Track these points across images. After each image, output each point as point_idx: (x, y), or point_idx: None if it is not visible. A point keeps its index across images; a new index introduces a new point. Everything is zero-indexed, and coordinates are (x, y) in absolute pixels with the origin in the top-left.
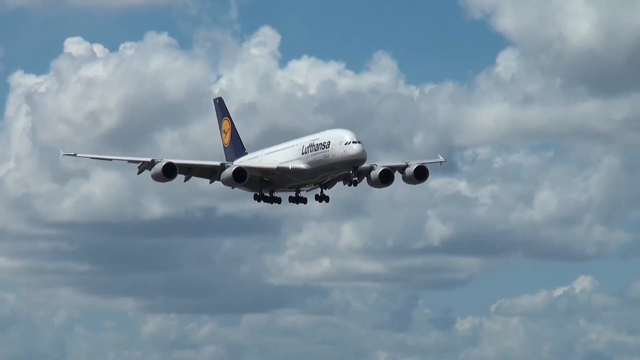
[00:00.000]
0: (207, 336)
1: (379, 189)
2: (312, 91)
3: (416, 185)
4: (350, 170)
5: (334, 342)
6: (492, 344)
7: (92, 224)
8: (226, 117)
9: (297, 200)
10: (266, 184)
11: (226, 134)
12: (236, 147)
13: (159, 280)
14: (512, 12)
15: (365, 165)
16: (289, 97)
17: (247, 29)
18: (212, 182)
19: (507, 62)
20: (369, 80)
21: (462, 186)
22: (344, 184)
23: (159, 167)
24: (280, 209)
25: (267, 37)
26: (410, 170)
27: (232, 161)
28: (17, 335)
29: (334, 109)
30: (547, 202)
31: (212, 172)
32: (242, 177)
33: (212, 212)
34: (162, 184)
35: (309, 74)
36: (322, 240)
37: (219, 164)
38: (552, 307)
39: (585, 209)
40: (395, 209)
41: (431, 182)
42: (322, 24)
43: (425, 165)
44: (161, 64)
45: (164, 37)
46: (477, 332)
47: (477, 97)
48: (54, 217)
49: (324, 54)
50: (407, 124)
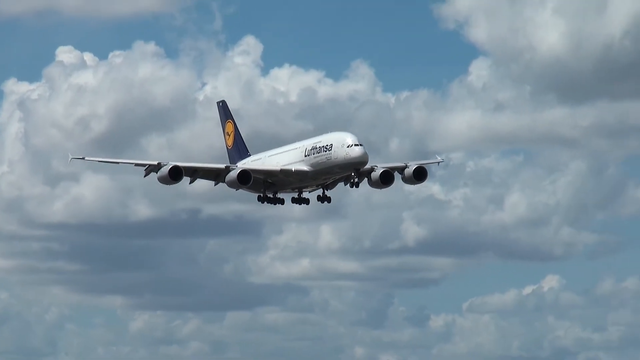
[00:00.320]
0: (192, 333)
1: (379, 190)
2: (293, 98)
3: (415, 185)
4: (352, 172)
5: (314, 339)
6: (464, 341)
7: (82, 225)
8: (229, 120)
9: (300, 201)
10: (270, 185)
11: (229, 136)
12: (239, 149)
13: (146, 279)
14: (484, 23)
15: (365, 166)
16: (271, 104)
17: (231, 38)
18: (217, 184)
19: (479, 70)
20: (347, 87)
21: (435, 189)
22: (345, 185)
23: (165, 170)
24: (261, 210)
25: (250, 46)
26: (409, 171)
27: (236, 163)
28: (11, 331)
29: (314, 116)
30: (516, 204)
31: (216, 175)
32: (246, 180)
33: (196, 214)
34: (168, 186)
35: (290, 82)
36: (302, 241)
37: (223, 166)
38: (522, 305)
39: (553, 211)
40: (371, 211)
41: (406, 186)
42: (303, 34)
43: (423, 165)
44: (148, 72)
45: (151, 46)
46: (449, 329)
47: (451, 104)
48: (46, 218)
49: (304, 62)
50: (383, 130)
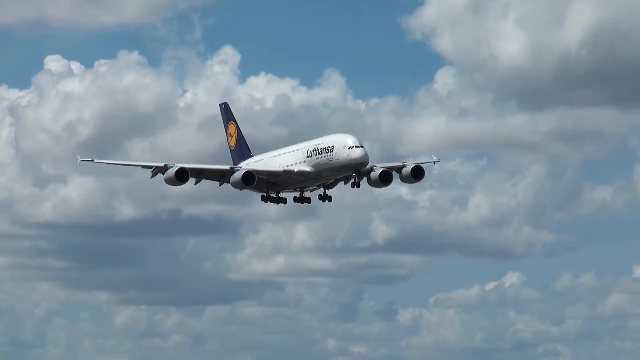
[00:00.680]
0: (173, 326)
1: (379, 189)
2: (268, 105)
3: (412, 184)
4: (353, 172)
5: (289, 332)
6: (430, 334)
7: (70, 225)
8: (232, 121)
9: (302, 200)
10: (272, 185)
11: (232, 137)
12: (242, 150)
13: (130, 275)
14: (449, 34)
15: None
16: (248, 111)
17: (210, 48)
18: (222, 184)
19: (444, 79)
20: (320, 95)
21: (403, 191)
22: (345, 184)
23: (171, 172)
24: (238, 211)
25: (228, 55)
26: (407, 170)
27: (238, 163)
28: (2, 324)
29: (288, 121)
30: (479, 205)
31: (221, 175)
32: (251, 180)
33: (177, 214)
34: (175, 187)
35: (266, 89)
36: (277, 239)
37: (228, 167)
38: (484, 300)
39: (514, 212)
40: (343, 212)
41: (375, 188)
42: (278, 44)
43: (421, 165)
44: (132, 80)
45: (135, 56)
46: (417, 323)
47: (417, 111)
48: (35, 218)
49: (279, 71)
50: (354, 135)
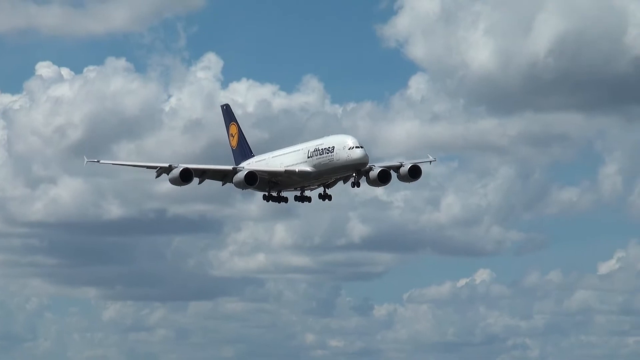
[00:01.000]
0: (158, 320)
1: (377, 187)
2: (250, 109)
3: (410, 183)
4: (353, 172)
5: (269, 326)
6: (404, 328)
7: (60, 224)
8: (233, 122)
9: (302, 199)
10: (274, 185)
11: (234, 137)
12: (243, 150)
13: (117, 272)
14: (422, 42)
15: None
16: None
17: (194, 55)
18: (224, 184)
19: (417, 85)
20: (299, 100)
21: (379, 191)
22: (344, 184)
23: (176, 172)
24: (221, 210)
25: (212, 62)
26: (404, 169)
27: (240, 163)
28: None
29: (269, 125)
30: (451, 205)
31: (224, 175)
32: (253, 180)
33: (163, 213)
34: (180, 187)
35: (247, 94)
36: (258, 238)
37: (231, 168)
38: (456, 296)
39: (484, 212)
40: (321, 211)
41: (352, 189)
42: (259, 51)
43: (418, 164)
44: (120, 85)
45: (122, 62)
46: (391, 318)
47: (392, 115)
48: (27, 217)
49: (260, 77)
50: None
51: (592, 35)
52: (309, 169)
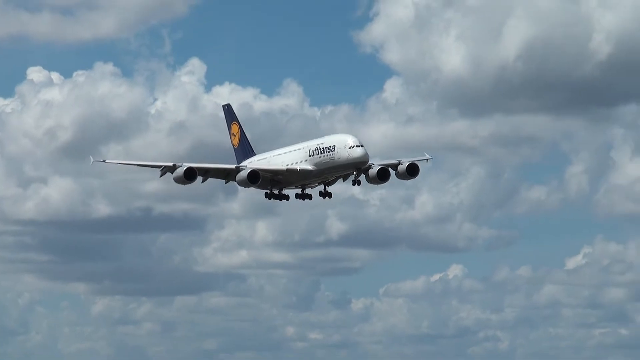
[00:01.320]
0: (145, 314)
1: (376, 185)
2: None
3: (408, 180)
4: (353, 170)
5: (251, 320)
6: (381, 321)
7: (50, 222)
8: (234, 122)
9: (303, 196)
10: (275, 183)
11: (235, 136)
12: (245, 149)
13: (105, 268)
14: (396, 47)
15: None
16: (213, 117)
17: (178, 60)
18: (227, 182)
19: (392, 88)
20: (279, 102)
21: (356, 190)
22: (344, 182)
23: (180, 171)
24: (205, 209)
25: (196, 67)
26: (402, 167)
27: (241, 161)
28: None
29: (250, 127)
30: (425, 204)
31: (227, 174)
32: (256, 179)
33: (149, 212)
34: (184, 186)
35: (230, 97)
36: (240, 235)
37: (234, 167)
38: (430, 290)
39: (456, 209)
40: (300, 210)
41: (328, 187)
42: (241, 56)
43: (415, 162)
44: (107, 89)
45: (110, 67)
46: (368, 311)
47: (368, 118)
48: (19, 216)
49: (242, 81)
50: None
51: (559, 40)
52: (310, 167)
